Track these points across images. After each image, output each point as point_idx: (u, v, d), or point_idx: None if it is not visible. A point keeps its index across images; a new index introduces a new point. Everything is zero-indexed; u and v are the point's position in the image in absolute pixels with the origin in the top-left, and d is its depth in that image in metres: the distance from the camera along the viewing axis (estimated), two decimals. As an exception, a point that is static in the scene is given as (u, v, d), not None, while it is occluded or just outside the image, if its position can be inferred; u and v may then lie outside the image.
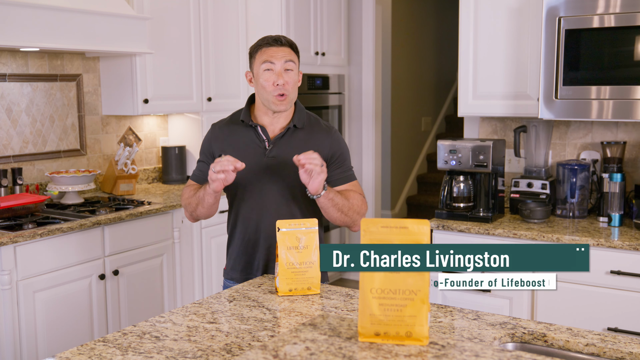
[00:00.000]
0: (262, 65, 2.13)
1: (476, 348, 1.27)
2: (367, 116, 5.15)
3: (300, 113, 2.22)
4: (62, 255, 2.96)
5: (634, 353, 1.48)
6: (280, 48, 2.13)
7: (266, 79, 2.12)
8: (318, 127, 2.24)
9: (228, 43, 4.24)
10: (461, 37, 3.29)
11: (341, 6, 4.94)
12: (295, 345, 1.28)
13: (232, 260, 2.29)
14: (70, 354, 1.47)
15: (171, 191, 3.90)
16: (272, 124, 2.20)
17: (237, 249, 2.26)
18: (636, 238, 2.73)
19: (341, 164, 2.23)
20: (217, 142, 2.24)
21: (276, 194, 2.17)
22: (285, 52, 2.13)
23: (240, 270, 2.25)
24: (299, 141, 2.18)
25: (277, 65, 2.12)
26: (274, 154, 2.17)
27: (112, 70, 3.79)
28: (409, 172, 6.75)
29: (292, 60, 2.14)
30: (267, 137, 2.19)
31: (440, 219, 3.14)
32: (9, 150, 3.41)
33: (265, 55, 2.13)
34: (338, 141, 2.24)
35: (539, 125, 3.21)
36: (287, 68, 2.13)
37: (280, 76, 2.11)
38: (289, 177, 2.15)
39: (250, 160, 2.15)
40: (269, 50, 2.13)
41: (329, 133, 2.23)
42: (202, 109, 4.09)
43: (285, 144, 2.18)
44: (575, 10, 2.86)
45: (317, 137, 2.21)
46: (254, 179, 2.17)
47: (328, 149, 2.20)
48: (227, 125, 2.26)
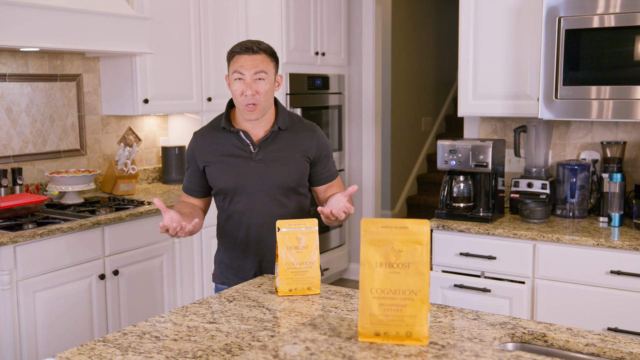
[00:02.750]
0: (233, 74, 2.12)
1: (476, 348, 1.27)
2: (367, 116, 5.15)
3: (282, 114, 2.22)
4: (62, 255, 2.96)
5: (634, 353, 1.48)
6: (252, 57, 2.09)
7: (236, 89, 2.11)
8: (301, 126, 2.24)
9: (228, 43, 4.22)
10: (461, 37, 3.29)
11: (341, 6, 4.94)
12: (295, 345, 1.28)
13: (222, 264, 2.29)
14: (70, 354, 1.47)
15: (171, 191, 3.90)
16: (255, 128, 2.20)
17: (229, 253, 2.26)
18: (636, 238, 2.73)
19: (326, 162, 2.27)
20: (200, 150, 2.22)
21: (265, 196, 2.18)
22: (257, 62, 2.10)
23: (233, 274, 2.25)
24: (284, 142, 2.19)
25: (246, 75, 2.09)
26: (260, 157, 2.17)
27: (112, 70, 3.79)
28: (409, 172, 6.75)
29: (263, 71, 2.10)
30: (250, 141, 2.18)
31: (440, 219, 3.14)
32: (9, 150, 3.41)
33: (237, 65, 2.11)
34: (323, 140, 2.26)
35: (539, 125, 3.21)
36: (258, 78, 2.10)
37: (250, 87, 2.09)
38: (277, 178, 2.17)
39: (236, 166, 2.16)
40: (240, 59, 2.10)
41: (314, 132, 2.24)
42: (202, 109, 4.10)
43: (270, 146, 2.18)
44: (575, 10, 2.86)
45: (302, 136, 2.22)
46: (242, 183, 2.17)
47: (315, 149, 2.22)
48: (208, 133, 2.25)
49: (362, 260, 1.33)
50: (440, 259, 3.10)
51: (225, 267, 2.28)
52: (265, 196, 2.18)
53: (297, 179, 2.19)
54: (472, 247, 3.01)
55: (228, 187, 2.18)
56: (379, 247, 1.33)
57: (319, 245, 2.25)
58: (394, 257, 1.32)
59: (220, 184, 2.19)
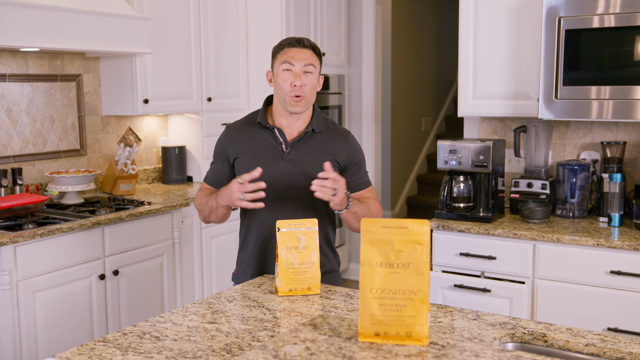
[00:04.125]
0: (282, 65, 2.12)
1: (476, 348, 1.27)
2: (367, 116, 5.15)
3: (318, 117, 2.21)
4: (62, 256, 2.96)
5: (634, 353, 1.48)
6: (302, 50, 2.13)
7: (284, 79, 2.11)
8: (335, 131, 2.23)
9: (228, 43, 4.25)
10: (461, 37, 3.29)
11: (341, 6, 4.94)
12: (295, 346, 1.28)
13: (244, 264, 2.25)
14: (70, 354, 1.47)
15: (171, 191, 3.90)
16: (290, 127, 2.18)
17: (251, 253, 2.23)
18: (636, 238, 2.73)
19: (358, 170, 2.23)
20: (232, 144, 2.21)
21: (293, 198, 2.15)
22: (307, 55, 2.13)
23: (252, 275, 2.23)
24: (316, 145, 2.17)
25: (296, 66, 2.11)
26: (291, 157, 2.15)
27: (112, 71, 3.79)
28: (409, 172, 6.75)
29: (312, 64, 2.13)
30: (284, 139, 2.16)
31: (440, 219, 3.14)
32: (9, 150, 3.42)
33: (286, 56, 2.12)
34: (355, 147, 2.24)
35: (539, 125, 3.21)
36: (306, 71, 2.12)
37: (299, 77, 2.10)
38: (306, 181, 2.11)
39: (267, 163, 2.13)
40: (290, 51, 2.12)
41: (347, 138, 2.23)
42: (202, 109, 4.10)
43: (302, 148, 2.16)
44: (575, 11, 2.86)
45: (334, 141, 2.20)
46: (269, 181, 2.12)
47: (346, 155, 2.20)
48: (242, 127, 2.23)
49: (362, 260, 1.33)
50: (440, 259, 3.10)
51: (247, 267, 2.25)
52: (292, 198, 2.15)
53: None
54: (472, 247, 3.01)
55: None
56: (379, 247, 1.33)
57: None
58: (394, 257, 1.32)
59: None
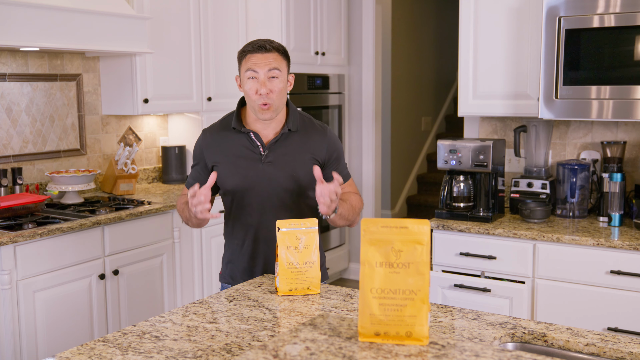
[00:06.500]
0: (246, 72, 2.08)
1: (476, 348, 1.27)
2: (367, 116, 5.15)
3: (293, 115, 2.19)
4: (62, 255, 2.96)
5: (634, 353, 1.48)
6: (265, 55, 2.07)
7: (250, 87, 2.08)
8: (312, 128, 2.21)
9: (228, 43, 4.24)
10: (461, 37, 3.29)
11: (341, 6, 4.94)
12: (295, 345, 1.28)
13: (230, 265, 2.27)
14: (70, 354, 1.47)
15: (171, 191, 3.90)
16: (265, 129, 2.17)
17: (236, 255, 2.24)
18: (636, 238, 2.73)
19: (338, 164, 2.23)
20: (209, 149, 2.20)
21: (274, 199, 2.16)
22: (270, 59, 2.07)
23: (240, 275, 2.24)
24: (294, 144, 2.16)
25: (260, 73, 2.06)
26: (270, 160, 2.14)
27: (112, 70, 3.79)
28: (409, 172, 6.75)
29: (276, 68, 2.07)
30: (261, 142, 2.15)
31: (440, 219, 3.14)
32: (9, 150, 3.41)
33: (249, 63, 2.07)
34: (334, 141, 2.23)
35: (539, 125, 3.21)
36: (271, 76, 2.07)
37: (264, 85, 2.06)
38: (286, 182, 2.14)
39: (246, 167, 2.14)
40: (253, 58, 2.07)
41: (324, 134, 2.21)
42: (202, 108, 4.10)
43: (280, 149, 2.15)
44: (575, 10, 2.86)
45: (312, 139, 2.19)
46: (251, 185, 2.14)
47: (325, 151, 2.19)
48: (218, 132, 2.21)
49: (362, 260, 1.33)
50: (440, 258, 3.10)
51: (232, 268, 2.26)
52: (273, 199, 2.15)
53: (307, 182, 2.15)
54: (472, 247, 3.01)
55: (236, 188, 2.15)
56: (379, 247, 1.33)
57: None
58: (394, 257, 1.32)
59: (229, 186, 2.17)
